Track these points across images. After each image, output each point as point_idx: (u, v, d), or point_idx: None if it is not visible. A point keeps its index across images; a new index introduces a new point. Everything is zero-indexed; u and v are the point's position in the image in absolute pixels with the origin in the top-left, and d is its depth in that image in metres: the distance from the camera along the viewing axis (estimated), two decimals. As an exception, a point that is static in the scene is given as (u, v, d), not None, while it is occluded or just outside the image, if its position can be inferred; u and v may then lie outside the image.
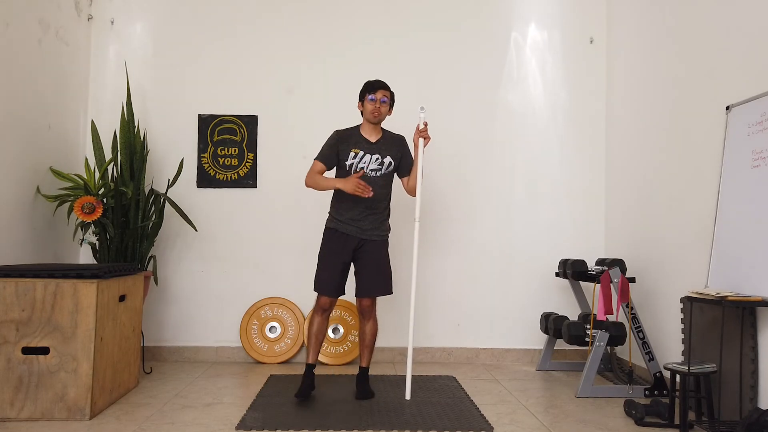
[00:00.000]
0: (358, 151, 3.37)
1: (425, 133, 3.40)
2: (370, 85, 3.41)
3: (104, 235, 3.85)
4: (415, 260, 3.43)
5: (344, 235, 3.38)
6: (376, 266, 3.41)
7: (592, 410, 3.22)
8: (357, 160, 3.36)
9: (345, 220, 3.37)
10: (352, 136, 3.41)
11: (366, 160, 3.37)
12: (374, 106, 3.36)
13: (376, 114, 3.37)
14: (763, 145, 2.87)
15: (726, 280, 3.02)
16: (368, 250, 3.40)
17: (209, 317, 4.37)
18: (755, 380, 2.79)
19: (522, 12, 4.59)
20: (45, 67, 3.86)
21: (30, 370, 2.91)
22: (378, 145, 3.41)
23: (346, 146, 3.38)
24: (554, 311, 4.27)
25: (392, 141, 3.47)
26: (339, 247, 3.37)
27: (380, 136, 3.43)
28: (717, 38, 3.28)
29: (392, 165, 3.43)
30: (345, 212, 3.37)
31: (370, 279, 3.40)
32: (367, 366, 3.49)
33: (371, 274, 3.40)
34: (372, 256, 3.40)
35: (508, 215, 4.50)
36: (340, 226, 3.39)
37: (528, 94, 4.56)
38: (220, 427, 2.85)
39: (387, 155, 3.41)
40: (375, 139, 3.41)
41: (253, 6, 4.49)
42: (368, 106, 3.37)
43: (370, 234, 3.40)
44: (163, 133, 4.41)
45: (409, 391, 3.36)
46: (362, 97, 3.41)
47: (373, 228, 3.41)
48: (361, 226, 3.37)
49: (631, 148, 4.20)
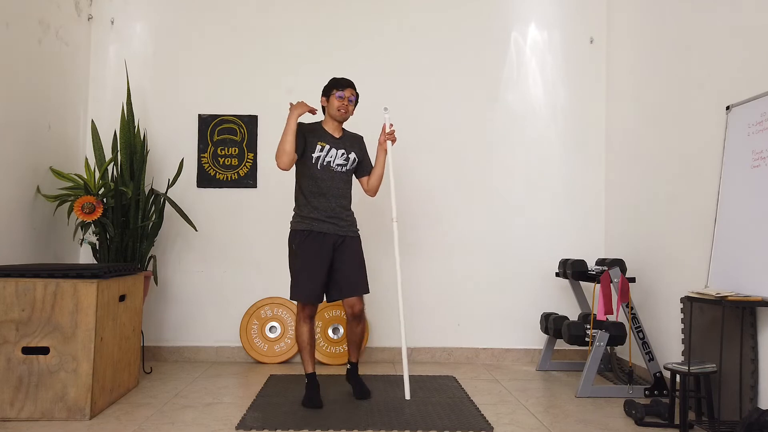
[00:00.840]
0: (325, 145, 3.29)
1: (392, 136, 3.40)
2: (338, 83, 3.35)
3: (104, 235, 3.85)
4: (397, 260, 3.39)
5: (321, 234, 3.23)
6: (359, 263, 3.31)
7: (592, 410, 3.22)
8: (324, 153, 3.28)
9: (323, 217, 3.24)
10: (316, 129, 3.35)
11: (332, 154, 3.30)
12: (342, 104, 3.31)
13: (344, 111, 3.32)
14: (763, 145, 2.87)
15: (726, 280, 3.02)
16: (347, 248, 3.28)
17: (209, 317, 4.37)
18: (755, 380, 2.79)
19: (522, 12, 4.59)
20: (45, 67, 3.86)
21: (30, 370, 2.91)
22: (342, 140, 3.37)
23: (312, 138, 3.30)
24: (554, 311, 4.27)
25: (354, 139, 3.44)
26: (318, 249, 3.22)
27: (342, 134, 3.40)
28: (717, 38, 3.28)
29: (356, 161, 3.38)
30: (322, 208, 3.24)
31: (355, 277, 3.27)
32: (357, 360, 3.44)
33: (354, 272, 3.28)
34: (352, 254, 3.29)
35: (508, 215, 4.50)
36: (315, 225, 3.23)
37: (528, 94, 4.56)
38: (220, 427, 2.85)
39: (351, 151, 3.36)
40: (339, 135, 3.38)
41: (253, 6, 4.49)
42: (335, 103, 3.31)
43: (347, 230, 3.30)
44: (163, 133, 4.41)
45: (408, 390, 3.36)
46: (328, 93, 3.36)
47: (349, 224, 3.33)
48: (339, 222, 3.27)
49: (631, 148, 4.20)
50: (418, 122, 4.43)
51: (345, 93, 3.32)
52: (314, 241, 3.23)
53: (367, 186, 3.46)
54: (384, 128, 3.41)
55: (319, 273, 3.21)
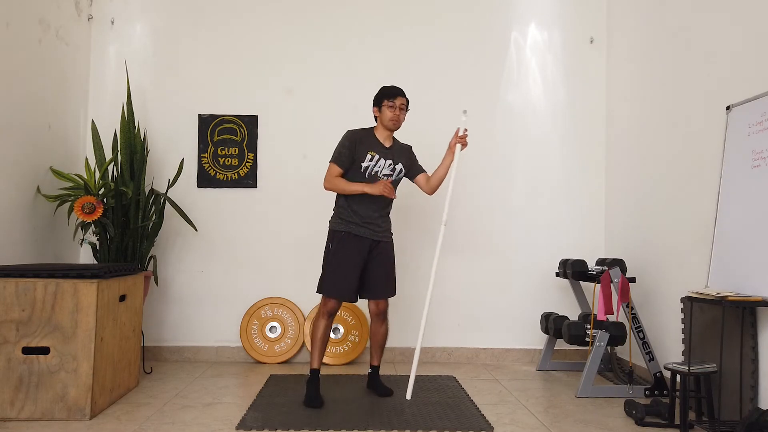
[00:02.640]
0: (375, 154, 3.33)
1: (464, 140, 3.39)
2: (388, 92, 3.37)
3: (104, 235, 3.85)
4: (435, 260, 3.38)
5: (358, 237, 3.31)
6: (391, 268, 3.43)
7: (592, 410, 3.22)
8: (373, 163, 3.32)
9: (361, 222, 3.31)
10: (367, 137, 3.37)
11: (381, 164, 3.34)
12: (394, 113, 3.34)
13: (396, 121, 3.36)
14: (764, 145, 2.87)
15: (726, 280, 3.02)
16: (382, 252, 3.38)
17: (209, 317, 4.37)
18: (755, 380, 2.79)
19: (522, 12, 4.59)
20: (45, 67, 3.86)
21: (30, 369, 2.91)
22: (391, 151, 3.40)
23: (362, 147, 3.32)
24: (554, 311, 4.27)
25: (402, 149, 3.48)
26: (356, 250, 3.31)
27: (392, 143, 3.43)
28: (717, 38, 3.28)
29: (402, 172, 3.44)
30: (361, 214, 3.31)
31: (386, 281, 3.40)
32: (379, 364, 3.54)
33: (386, 276, 3.39)
34: (386, 258, 3.40)
35: (508, 215, 4.50)
36: (353, 228, 3.31)
37: (528, 94, 4.56)
38: (220, 427, 2.85)
39: (399, 162, 3.41)
40: (389, 145, 3.41)
41: (253, 6, 4.49)
42: (388, 113, 3.34)
43: (382, 235, 3.38)
44: (163, 133, 4.41)
45: (410, 390, 3.37)
46: (379, 103, 3.38)
47: (385, 230, 3.42)
48: (375, 228, 3.34)
49: (631, 148, 4.20)
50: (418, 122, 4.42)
51: (396, 102, 3.35)
52: (351, 242, 3.31)
53: (427, 185, 3.48)
54: (457, 132, 3.40)
55: (352, 273, 3.30)
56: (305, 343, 4.31)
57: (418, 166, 3.54)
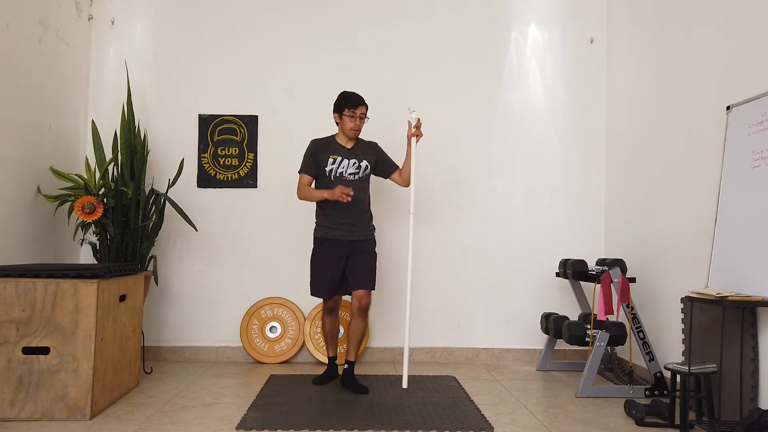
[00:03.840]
0: (336, 157, 3.53)
1: (418, 132, 3.52)
2: (348, 101, 3.50)
3: (104, 235, 3.85)
4: (410, 251, 3.46)
5: (334, 241, 3.52)
6: (369, 263, 3.57)
7: (593, 410, 3.22)
8: (336, 165, 3.51)
9: (334, 225, 3.51)
10: (329, 143, 3.56)
11: (344, 165, 3.53)
12: (354, 123, 3.51)
13: (356, 130, 3.53)
14: (764, 145, 2.87)
15: (726, 280, 3.02)
16: (360, 249, 3.55)
17: (209, 317, 4.37)
18: (755, 380, 2.79)
19: (522, 12, 4.59)
20: (45, 67, 3.86)
21: (30, 370, 2.91)
22: (354, 150, 3.57)
23: (324, 154, 3.52)
24: (554, 311, 4.27)
25: (367, 146, 3.65)
26: (331, 255, 3.53)
27: (355, 143, 3.59)
28: (717, 38, 3.28)
29: (368, 168, 3.60)
30: (333, 217, 3.51)
31: (363, 274, 3.53)
32: (355, 360, 3.62)
33: (363, 270, 3.54)
34: (364, 255, 3.55)
35: (508, 215, 4.50)
36: (328, 233, 3.53)
37: (528, 94, 4.56)
38: (220, 427, 2.85)
39: (363, 159, 3.57)
40: (351, 146, 3.57)
41: (253, 6, 4.49)
42: (348, 123, 3.50)
43: (358, 234, 3.55)
44: (163, 133, 4.41)
45: (405, 379, 3.39)
46: (340, 110, 3.52)
47: (361, 228, 3.56)
48: (350, 228, 3.52)
49: (631, 148, 4.20)
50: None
51: (357, 112, 3.49)
52: (329, 248, 3.54)
53: (400, 177, 3.67)
54: (409, 126, 3.53)
55: (329, 274, 3.54)
56: (305, 343, 4.31)
57: (390, 162, 3.69)
